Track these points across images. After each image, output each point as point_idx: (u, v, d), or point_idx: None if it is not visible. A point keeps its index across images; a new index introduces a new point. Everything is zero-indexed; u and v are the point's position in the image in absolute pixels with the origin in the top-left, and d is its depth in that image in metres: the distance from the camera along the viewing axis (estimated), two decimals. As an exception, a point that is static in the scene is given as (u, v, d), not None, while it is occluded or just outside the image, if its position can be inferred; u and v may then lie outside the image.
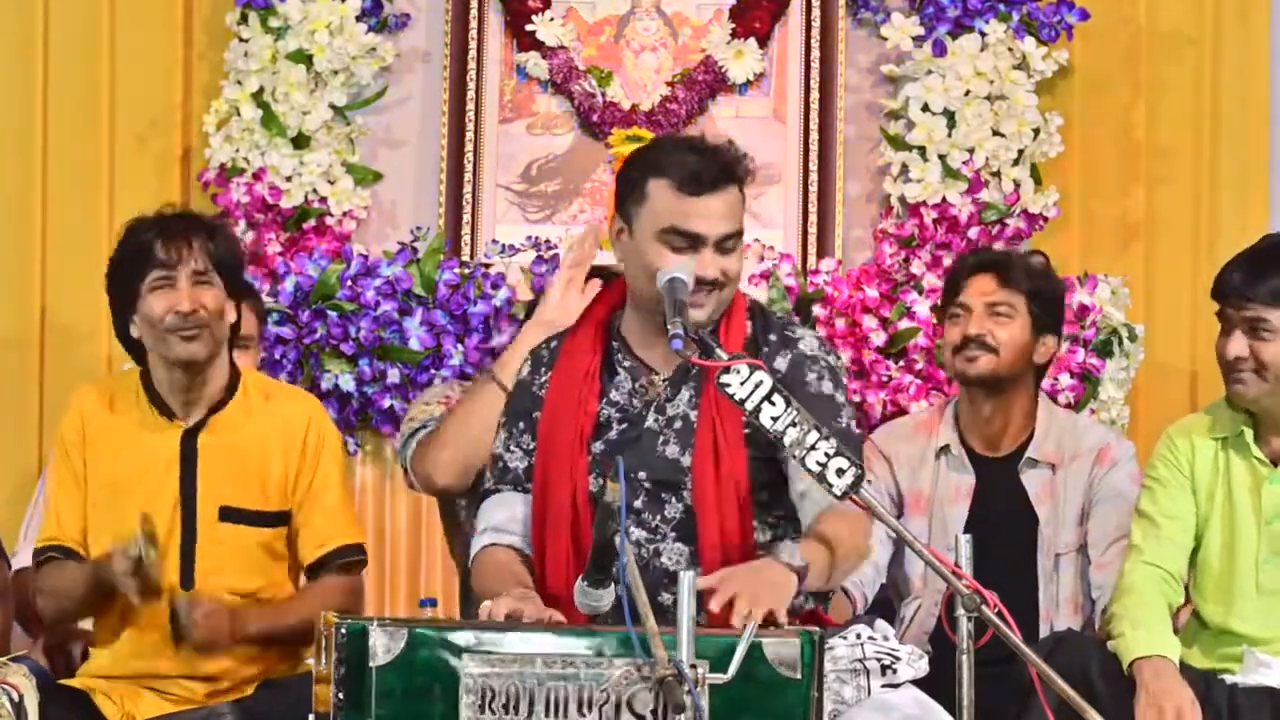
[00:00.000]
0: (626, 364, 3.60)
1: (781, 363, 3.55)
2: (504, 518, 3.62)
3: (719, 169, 3.49)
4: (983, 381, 4.46)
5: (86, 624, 4.19)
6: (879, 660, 3.45)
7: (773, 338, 3.60)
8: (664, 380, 3.57)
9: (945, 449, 4.53)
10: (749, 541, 3.51)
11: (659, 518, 3.52)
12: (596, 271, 4.19)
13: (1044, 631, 4.35)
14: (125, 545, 3.79)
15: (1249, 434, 3.98)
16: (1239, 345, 3.92)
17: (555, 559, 3.52)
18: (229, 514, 3.98)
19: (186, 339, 3.94)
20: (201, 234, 4.00)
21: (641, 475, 3.50)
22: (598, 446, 3.55)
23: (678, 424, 3.54)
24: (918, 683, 3.51)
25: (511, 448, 3.64)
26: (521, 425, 3.64)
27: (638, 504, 3.50)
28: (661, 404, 3.56)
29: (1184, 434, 4.05)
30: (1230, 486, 3.99)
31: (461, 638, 3.06)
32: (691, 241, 3.46)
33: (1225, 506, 3.99)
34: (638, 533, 3.49)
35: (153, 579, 3.82)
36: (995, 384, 4.47)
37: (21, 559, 4.50)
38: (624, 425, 3.56)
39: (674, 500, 3.51)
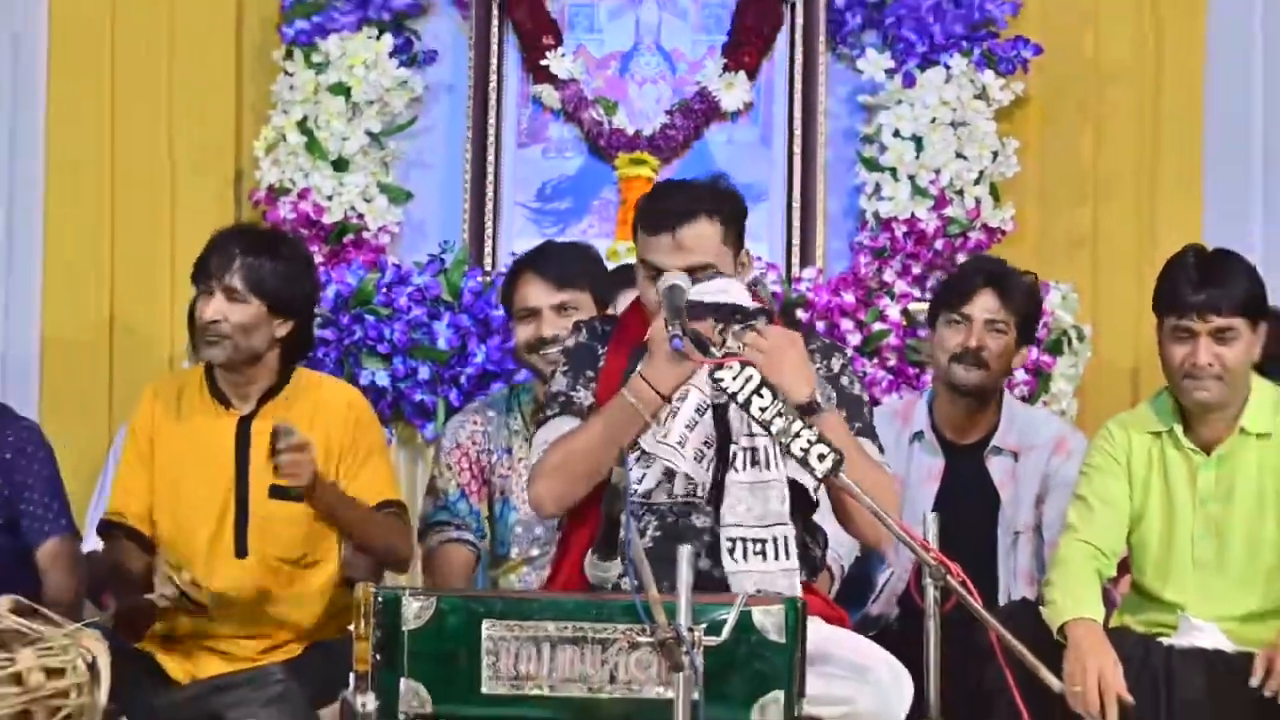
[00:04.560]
0: None
1: (836, 362, 3.67)
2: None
3: (678, 207, 3.54)
4: (973, 390, 4.56)
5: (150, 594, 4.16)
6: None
7: (824, 341, 3.75)
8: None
9: (919, 435, 4.63)
10: None
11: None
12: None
13: (1002, 600, 4.45)
14: (165, 589, 3.99)
15: (1179, 429, 4.03)
16: (1207, 353, 3.90)
17: (588, 525, 3.56)
18: (277, 491, 4.08)
19: (208, 344, 4.10)
20: (252, 255, 4.09)
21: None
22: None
23: None
24: (890, 641, 3.58)
25: (578, 387, 3.64)
26: (589, 374, 3.63)
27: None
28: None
29: (1121, 427, 4.08)
30: (1167, 475, 4.04)
31: (483, 606, 3.17)
32: (658, 272, 3.54)
33: (1163, 493, 4.04)
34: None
35: (194, 603, 4.02)
36: (980, 391, 4.57)
37: (89, 544, 4.52)
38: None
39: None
